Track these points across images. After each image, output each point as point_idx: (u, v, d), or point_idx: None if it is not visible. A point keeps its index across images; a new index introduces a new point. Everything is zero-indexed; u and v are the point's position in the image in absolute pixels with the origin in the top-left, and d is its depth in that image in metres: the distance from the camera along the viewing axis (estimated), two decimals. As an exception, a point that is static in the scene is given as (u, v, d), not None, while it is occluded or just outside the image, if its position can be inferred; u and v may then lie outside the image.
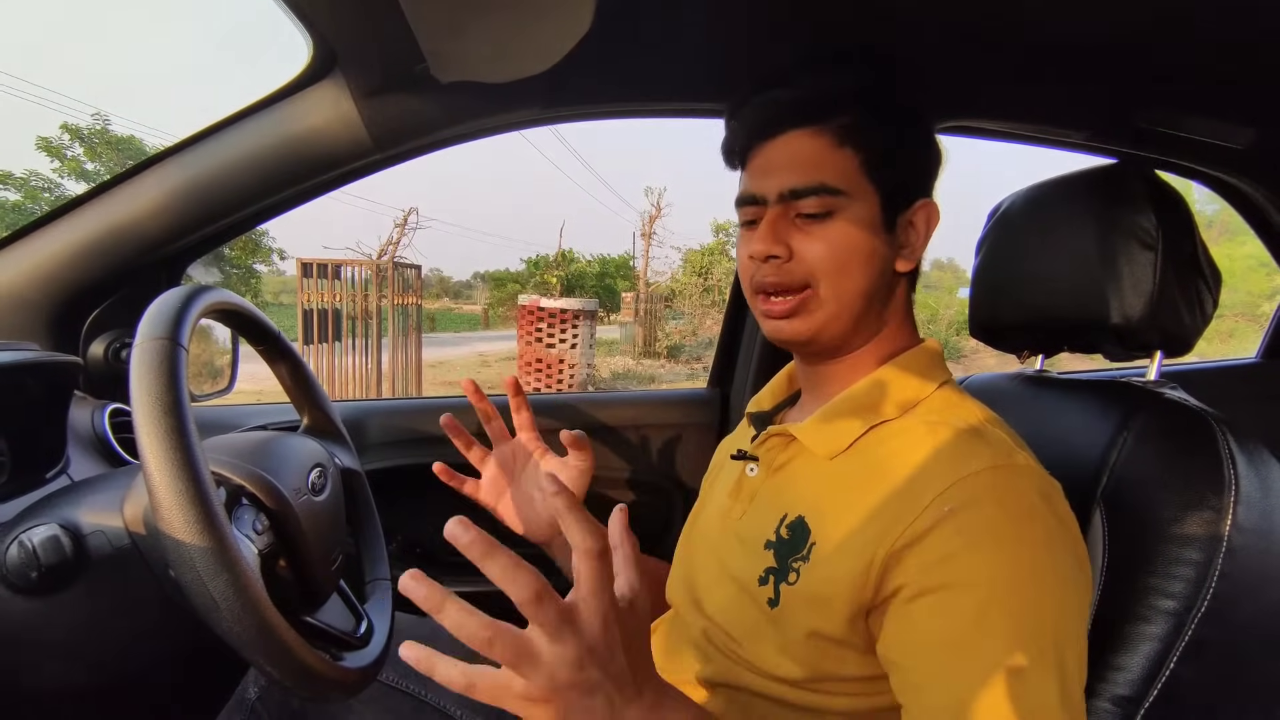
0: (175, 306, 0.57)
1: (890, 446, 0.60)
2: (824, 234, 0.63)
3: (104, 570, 0.59)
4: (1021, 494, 0.53)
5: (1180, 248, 0.68)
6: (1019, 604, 0.50)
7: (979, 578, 0.51)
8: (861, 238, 0.63)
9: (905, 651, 0.53)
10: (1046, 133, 1.09)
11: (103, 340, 0.96)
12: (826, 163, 0.63)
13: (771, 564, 0.63)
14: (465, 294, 38.65)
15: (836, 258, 0.63)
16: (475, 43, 0.74)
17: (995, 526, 0.52)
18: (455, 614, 0.42)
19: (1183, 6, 0.70)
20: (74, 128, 16.37)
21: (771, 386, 0.81)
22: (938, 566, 0.52)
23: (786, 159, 0.64)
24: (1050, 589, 0.51)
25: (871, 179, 0.63)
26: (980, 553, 0.51)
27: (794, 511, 0.63)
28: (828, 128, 0.63)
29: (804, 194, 0.63)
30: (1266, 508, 0.58)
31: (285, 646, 0.54)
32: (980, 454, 0.55)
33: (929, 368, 0.66)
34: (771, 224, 0.64)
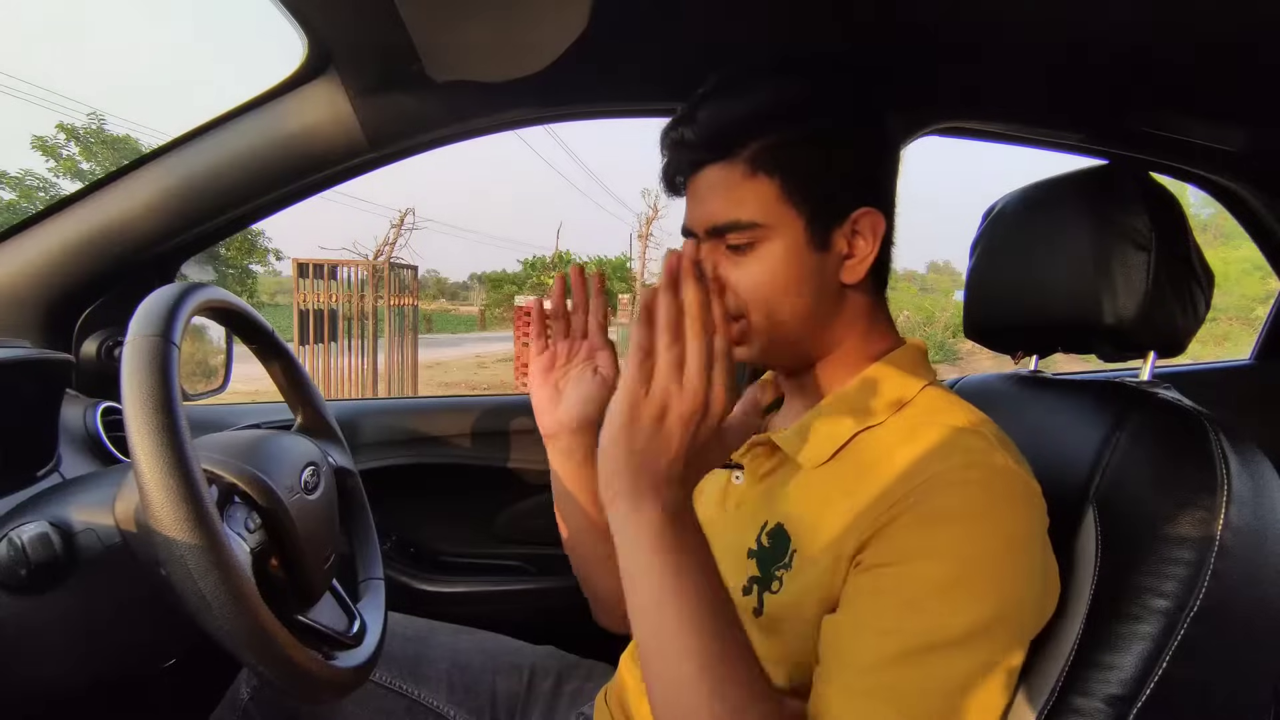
0: (167, 304, 0.57)
1: (872, 451, 0.60)
2: (749, 265, 0.62)
3: (95, 568, 0.59)
4: (991, 492, 0.53)
5: (1173, 249, 0.68)
6: (958, 592, 0.50)
7: (923, 557, 0.51)
8: (788, 265, 0.62)
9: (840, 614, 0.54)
10: (1041, 134, 1.09)
11: (95, 338, 0.96)
12: (740, 195, 0.62)
13: (755, 573, 0.62)
14: (462, 295, 38.66)
15: (765, 288, 0.62)
16: (470, 42, 0.75)
17: (952, 515, 0.52)
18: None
19: (1178, 10, 0.71)
20: (69, 127, 16.35)
21: None
22: (890, 546, 0.53)
23: (705, 193, 0.64)
24: (995, 586, 0.51)
25: (792, 203, 0.61)
26: (931, 536, 0.52)
27: (774, 519, 0.63)
28: (738, 159, 0.61)
29: (723, 230, 0.62)
30: (1259, 508, 0.58)
31: (277, 646, 0.53)
32: (955, 452, 0.55)
33: (913, 369, 0.66)
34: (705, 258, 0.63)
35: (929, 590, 0.51)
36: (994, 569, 0.51)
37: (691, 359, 0.49)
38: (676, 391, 0.49)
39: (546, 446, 0.83)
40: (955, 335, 13.06)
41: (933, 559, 0.51)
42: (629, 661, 0.78)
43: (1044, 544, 0.55)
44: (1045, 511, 0.56)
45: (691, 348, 0.49)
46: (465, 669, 0.88)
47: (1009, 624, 0.51)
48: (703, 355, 0.49)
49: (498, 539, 1.33)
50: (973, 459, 0.54)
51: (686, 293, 0.50)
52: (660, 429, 0.49)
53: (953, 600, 0.50)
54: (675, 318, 0.50)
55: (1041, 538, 0.55)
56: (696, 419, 0.49)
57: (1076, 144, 1.11)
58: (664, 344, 0.49)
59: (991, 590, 0.51)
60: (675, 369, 0.49)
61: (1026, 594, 0.53)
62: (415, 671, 0.86)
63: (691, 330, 0.50)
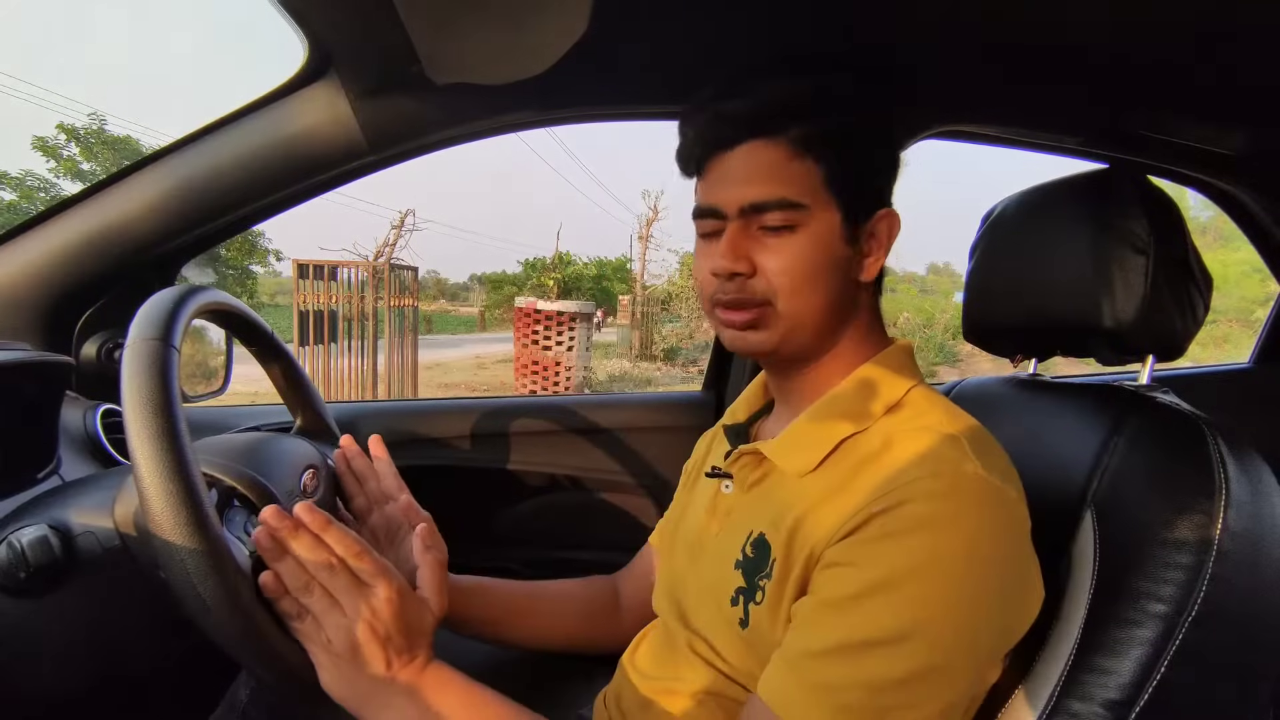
0: (167, 307, 0.57)
1: (854, 459, 0.60)
2: (785, 249, 0.61)
3: (94, 571, 0.59)
4: (957, 503, 0.52)
5: (1172, 252, 0.68)
6: (911, 596, 0.50)
7: (884, 561, 0.52)
8: (823, 251, 0.62)
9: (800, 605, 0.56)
10: (1040, 138, 1.09)
11: (95, 340, 0.96)
12: (786, 175, 0.61)
13: (741, 584, 0.62)
14: (462, 296, 38.67)
15: (798, 273, 0.61)
16: (471, 44, 0.75)
17: (918, 523, 0.52)
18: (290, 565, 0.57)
19: (1177, 12, 0.71)
20: (70, 128, 16.35)
21: (747, 395, 0.80)
22: (850, 548, 0.54)
23: (745, 171, 0.62)
24: (952, 595, 0.51)
25: (833, 191, 0.61)
26: (895, 542, 0.52)
27: (757, 529, 0.63)
28: (785, 138, 0.61)
29: (765, 208, 0.61)
30: (1257, 512, 0.58)
31: (275, 649, 0.54)
32: (927, 461, 0.55)
33: (900, 369, 0.65)
34: (733, 240, 0.62)
35: (867, 591, 0.51)
36: (949, 576, 0.51)
37: (340, 593, 0.57)
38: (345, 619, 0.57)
39: None
40: (955, 337, 13.05)
41: (877, 564, 0.52)
42: (628, 664, 0.78)
43: (1015, 552, 0.54)
44: (1021, 518, 0.55)
45: (331, 583, 0.57)
46: (464, 670, 0.88)
47: (958, 631, 0.51)
48: (343, 582, 0.57)
49: (496, 541, 1.33)
50: (941, 468, 0.54)
51: (298, 550, 0.57)
52: (357, 652, 0.57)
53: (887, 603, 0.51)
54: (303, 577, 0.57)
55: (1012, 546, 0.54)
56: (378, 622, 0.58)
57: (1075, 147, 1.11)
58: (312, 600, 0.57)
59: (933, 597, 0.51)
60: (332, 604, 0.57)
61: (985, 603, 0.52)
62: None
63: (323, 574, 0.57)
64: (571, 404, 1.36)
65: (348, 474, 0.82)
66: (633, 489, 1.33)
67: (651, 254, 16.10)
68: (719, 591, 0.64)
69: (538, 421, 1.32)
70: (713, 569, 0.67)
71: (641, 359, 11.97)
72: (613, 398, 1.49)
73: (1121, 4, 0.70)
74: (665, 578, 0.78)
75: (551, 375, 8.23)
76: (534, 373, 8.30)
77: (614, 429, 1.33)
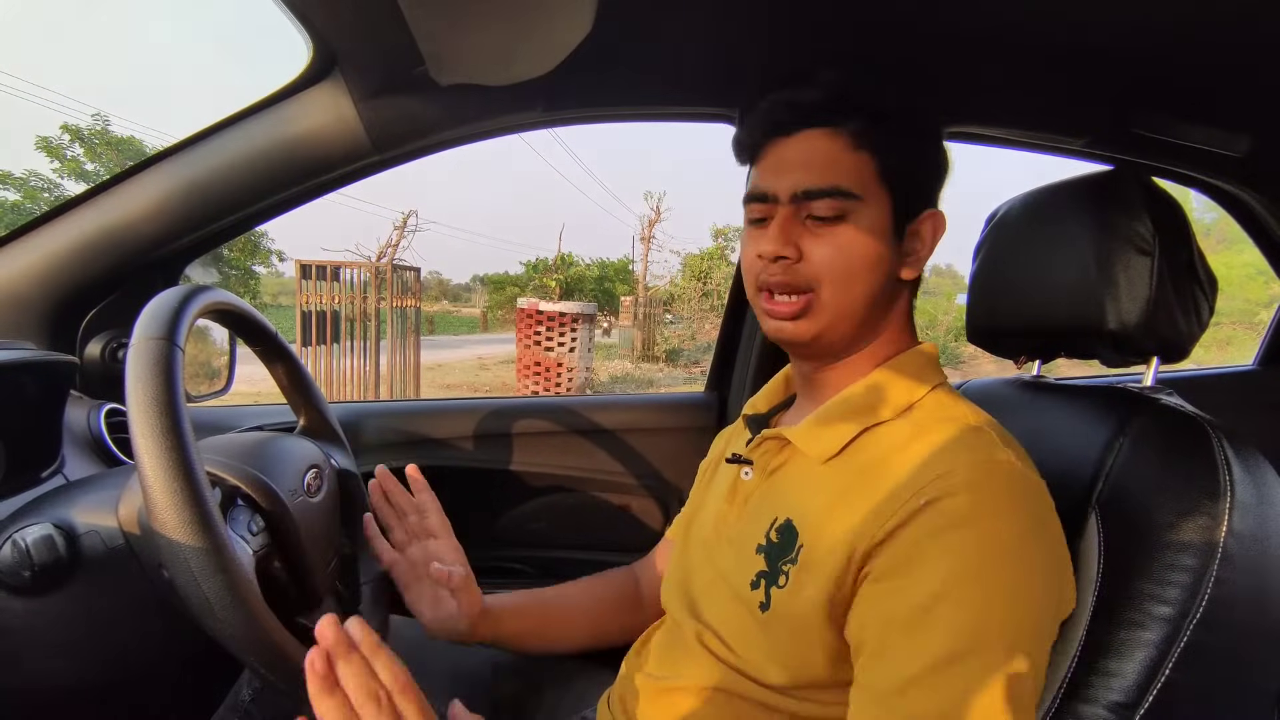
0: (172, 306, 0.57)
1: (880, 449, 0.60)
2: (834, 238, 0.62)
3: (98, 570, 0.59)
4: (997, 492, 0.54)
5: (1177, 254, 0.68)
6: (971, 598, 0.50)
7: (937, 567, 0.52)
8: (871, 244, 0.63)
9: (862, 626, 0.55)
10: (1044, 139, 1.09)
11: (99, 340, 0.96)
12: (842, 165, 0.62)
13: (763, 568, 0.62)
14: (464, 297, 38.70)
15: (844, 263, 0.62)
16: (475, 45, 0.75)
17: (963, 520, 0.52)
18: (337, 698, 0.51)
19: (1182, 14, 0.71)
20: (74, 128, 16.37)
21: (768, 389, 0.81)
22: (903, 552, 0.53)
23: (802, 158, 0.63)
24: (1008, 589, 0.51)
25: (885, 185, 0.63)
26: (943, 543, 0.52)
27: (783, 514, 0.63)
28: (845, 130, 0.63)
29: (818, 195, 0.62)
30: (1262, 514, 0.58)
31: (279, 648, 0.54)
32: (961, 451, 0.56)
33: (923, 370, 0.66)
34: (783, 224, 0.63)
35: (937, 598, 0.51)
36: (1003, 568, 0.51)
37: None
38: None
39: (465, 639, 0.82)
40: (958, 339, 13.03)
41: (940, 566, 0.52)
42: (631, 664, 0.78)
43: (1055, 537, 0.55)
44: (1052, 505, 0.56)
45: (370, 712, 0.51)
46: (467, 672, 0.88)
47: (1024, 622, 0.51)
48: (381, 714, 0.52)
49: (499, 541, 1.33)
50: (976, 457, 0.55)
51: (346, 675, 0.51)
52: None
53: (961, 608, 0.50)
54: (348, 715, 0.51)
55: (1052, 531, 0.55)
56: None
57: (1079, 149, 1.11)
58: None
59: (1000, 591, 0.51)
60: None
61: (1041, 587, 0.53)
62: (417, 675, 0.85)
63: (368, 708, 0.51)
64: (574, 405, 1.36)
65: (385, 506, 0.84)
66: (635, 490, 1.33)
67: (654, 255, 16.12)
68: (737, 577, 0.64)
69: (540, 422, 1.32)
70: (731, 555, 0.67)
71: (644, 360, 11.96)
72: (615, 399, 1.49)
73: (1126, 5, 0.70)
74: (676, 570, 0.78)
75: (553, 376, 8.23)
76: (536, 374, 8.30)
77: (616, 430, 1.33)
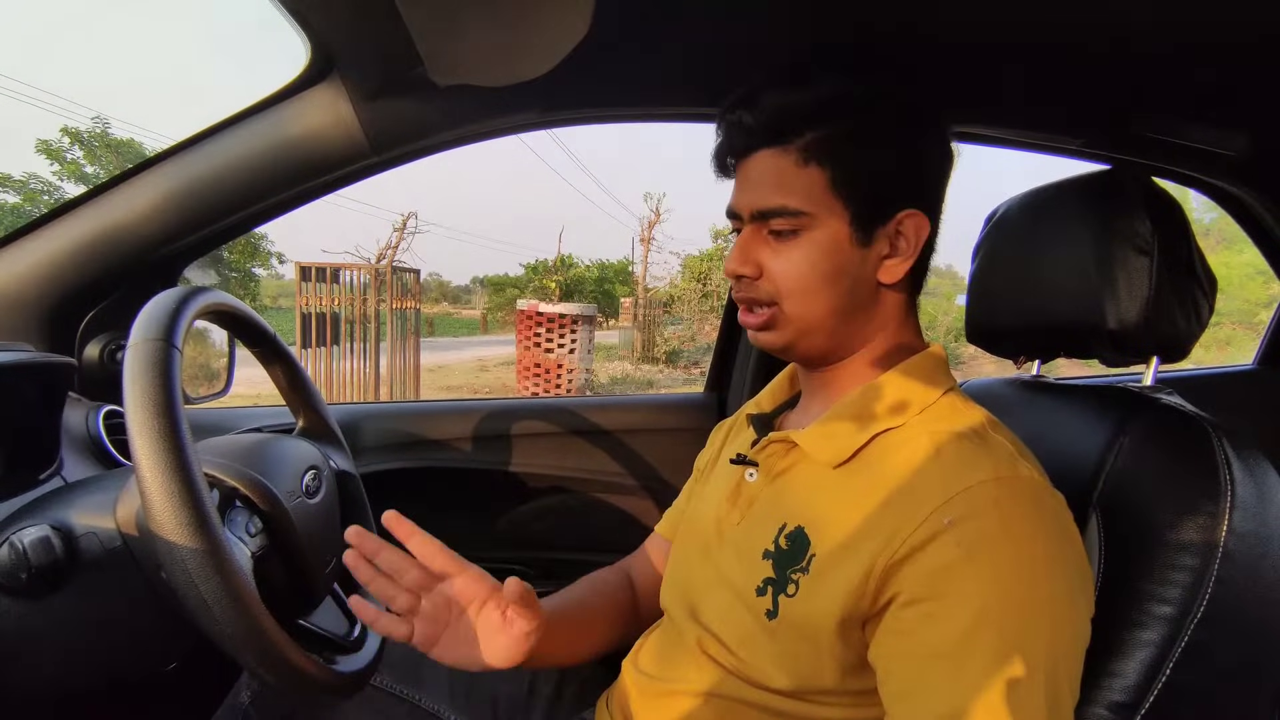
0: (169, 308, 0.57)
1: (894, 455, 0.60)
2: (790, 253, 0.63)
3: (96, 572, 0.59)
4: (1024, 509, 0.53)
5: (1176, 253, 0.68)
6: (1012, 622, 0.50)
7: (974, 592, 0.51)
8: (828, 256, 0.63)
9: (894, 657, 0.53)
10: (1043, 139, 1.09)
11: (98, 342, 0.96)
12: (790, 183, 0.63)
13: (770, 575, 0.62)
14: (464, 299, 38.71)
15: (800, 277, 0.63)
16: (473, 46, 0.75)
17: (995, 541, 0.52)
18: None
19: (1180, 14, 0.70)
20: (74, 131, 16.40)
21: (772, 388, 0.80)
22: (934, 576, 0.52)
23: (756, 178, 0.65)
24: (1046, 609, 0.51)
25: (839, 196, 0.62)
26: (977, 566, 0.51)
27: (793, 521, 0.62)
28: (792, 147, 0.63)
29: (769, 215, 0.64)
30: (1262, 513, 0.58)
31: (277, 649, 0.53)
32: (983, 464, 0.55)
33: (935, 374, 0.66)
34: (743, 244, 0.66)
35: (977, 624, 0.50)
36: (1039, 586, 0.51)
37: None
38: None
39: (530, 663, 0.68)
40: (957, 340, 13.03)
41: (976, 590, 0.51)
42: (630, 666, 0.77)
43: (1077, 546, 0.55)
44: (1072, 517, 0.56)
45: None
46: (466, 673, 0.88)
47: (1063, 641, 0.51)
48: None
49: (499, 543, 1.32)
50: (1000, 472, 0.54)
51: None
52: None
53: (1002, 631, 0.50)
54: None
55: (1074, 541, 0.55)
56: None
57: (1078, 149, 1.11)
58: None
59: (1039, 610, 0.50)
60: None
61: (1073, 602, 0.53)
62: (416, 675, 0.85)
63: None
64: (574, 406, 1.36)
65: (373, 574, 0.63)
66: (635, 490, 1.33)
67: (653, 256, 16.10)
68: (742, 582, 0.64)
69: (540, 423, 1.32)
70: (734, 559, 0.67)
71: (643, 361, 11.96)
72: (615, 399, 1.49)
73: (1124, 5, 0.70)
74: (675, 571, 0.77)
75: (553, 377, 8.23)
76: (536, 375, 8.30)
77: (616, 431, 1.33)
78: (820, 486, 0.63)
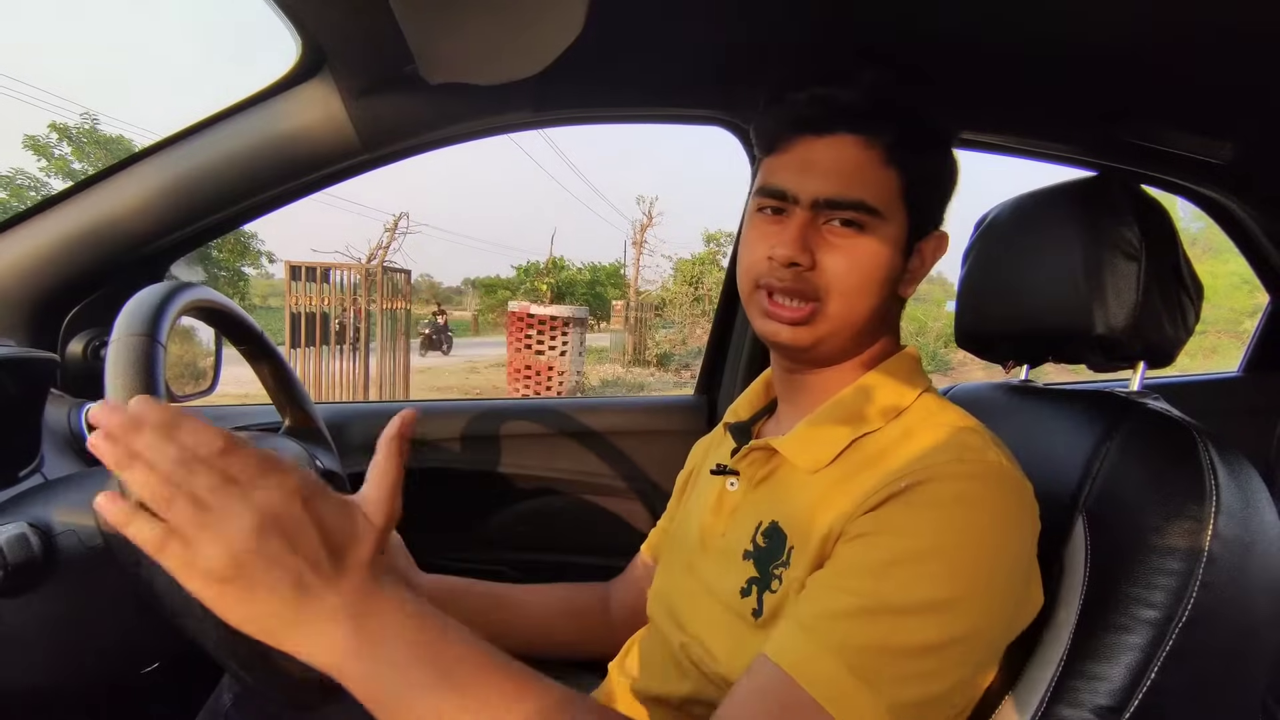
0: (154, 303, 0.57)
1: (869, 453, 0.60)
2: (850, 250, 0.61)
3: (75, 570, 0.58)
4: (983, 486, 0.53)
5: (1163, 259, 0.68)
6: (940, 570, 0.50)
7: (910, 532, 0.52)
8: (884, 261, 0.62)
9: (818, 577, 0.55)
10: (1032, 145, 1.10)
11: (82, 338, 0.95)
12: (871, 178, 0.61)
13: (753, 574, 0.62)
14: (456, 300, 38.63)
15: (856, 277, 0.61)
16: (465, 44, 0.74)
17: (945, 502, 0.52)
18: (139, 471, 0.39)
19: (1169, 23, 0.71)
20: (62, 126, 16.27)
21: (748, 395, 0.80)
22: (879, 518, 0.53)
23: (831, 164, 0.61)
24: (977, 578, 0.51)
25: (906, 203, 0.62)
26: (921, 515, 0.52)
27: (768, 518, 0.63)
28: (879, 142, 0.61)
29: (841, 206, 0.60)
30: (1247, 518, 0.58)
31: (255, 648, 0.52)
32: (951, 446, 0.56)
33: (911, 375, 0.66)
34: (801, 229, 0.61)
35: (899, 559, 0.51)
36: (971, 553, 0.51)
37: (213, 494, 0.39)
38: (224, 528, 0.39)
39: None
40: (947, 345, 13.11)
41: (909, 534, 0.52)
42: (617, 670, 0.77)
43: (1030, 543, 0.55)
44: (1036, 513, 0.56)
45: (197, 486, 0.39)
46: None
47: (978, 611, 0.51)
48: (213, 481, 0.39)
49: (487, 544, 1.32)
50: (966, 454, 0.55)
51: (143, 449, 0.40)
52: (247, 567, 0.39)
53: (920, 573, 0.50)
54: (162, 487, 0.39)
55: (1028, 536, 0.55)
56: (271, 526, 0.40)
57: (1066, 155, 1.12)
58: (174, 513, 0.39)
59: (963, 572, 0.50)
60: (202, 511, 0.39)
61: (1003, 586, 0.52)
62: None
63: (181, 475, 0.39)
64: (563, 407, 1.35)
65: None
66: (624, 493, 1.33)
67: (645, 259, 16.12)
68: (724, 586, 0.64)
69: (528, 424, 1.31)
70: (718, 566, 0.66)
71: (635, 364, 11.97)
72: (605, 401, 1.49)
73: (1113, 13, 0.70)
74: (660, 584, 0.77)
75: (544, 380, 8.22)
76: (527, 377, 8.29)
77: (606, 433, 1.32)
78: (800, 487, 0.63)
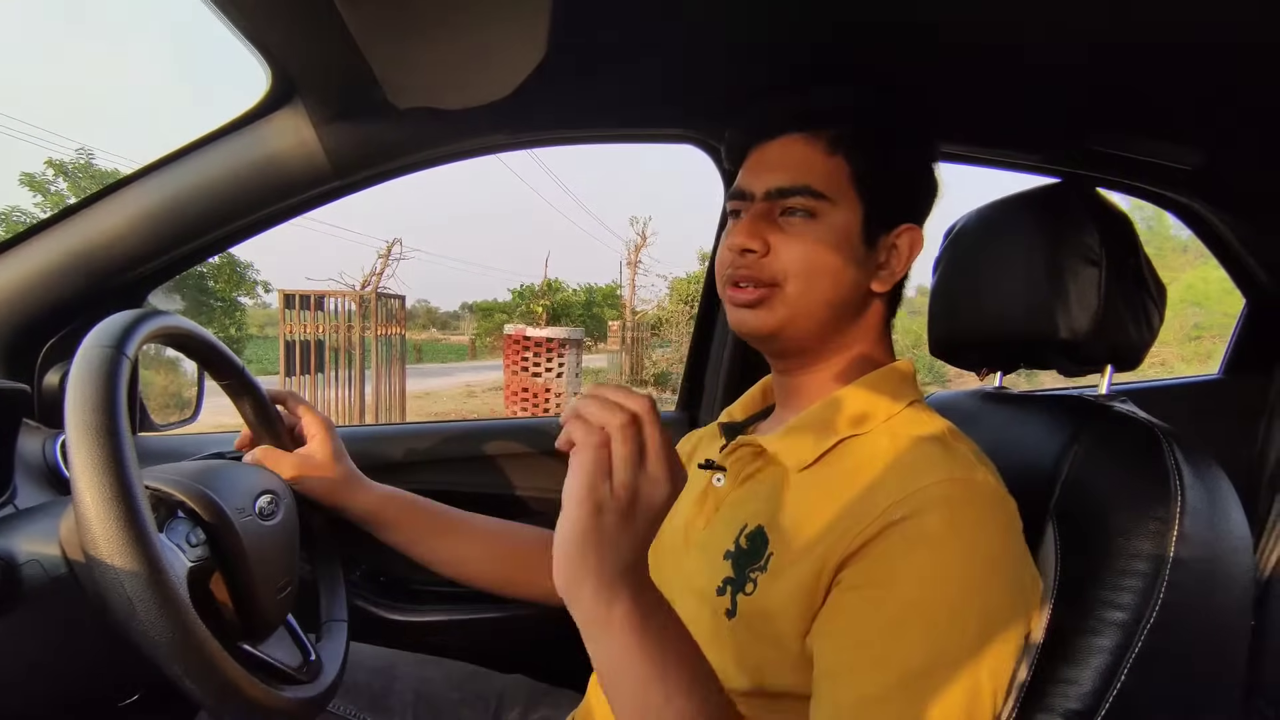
0: (124, 321, 0.57)
1: (855, 459, 0.61)
2: (802, 235, 0.64)
3: (41, 601, 0.57)
4: (974, 511, 0.54)
5: (1124, 263, 0.69)
6: (942, 617, 0.50)
7: (911, 582, 0.51)
8: (839, 245, 0.65)
9: (826, 636, 0.54)
10: (999, 155, 1.11)
11: (58, 369, 0.95)
12: (816, 167, 0.65)
13: (730, 574, 0.62)
14: (453, 325, 38.67)
15: (809, 259, 0.64)
16: (429, 69, 0.75)
17: (937, 536, 0.52)
18: None
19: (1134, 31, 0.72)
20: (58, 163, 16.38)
21: (746, 398, 0.81)
22: (876, 564, 0.53)
23: (779, 159, 0.67)
24: (978, 610, 0.51)
25: (858, 190, 0.65)
26: (918, 558, 0.52)
27: (754, 522, 0.63)
28: (822, 135, 0.66)
29: (789, 193, 0.65)
30: (1213, 519, 0.58)
31: (208, 660, 0.51)
32: (940, 466, 0.56)
33: (899, 387, 0.67)
34: (754, 219, 0.66)
35: (908, 615, 0.51)
36: (979, 586, 0.52)
37: (653, 448, 0.47)
38: (646, 481, 0.47)
39: None
40: (943, 357, 13.09)
41: (913, 582, 0.51)
42: (596, 689, 0.76)
43: (1023, 555, 0.56)
44: (1020, 524, 0.56)
45: (651, 435, 0.47)
46: (431, 699, 0.86)
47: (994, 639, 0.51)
48: (660, 443, 0.47)
49: None
50: (955, 474, 0.55)
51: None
52: (629, 523, 0.46)
53: (934, 623, 0.50)
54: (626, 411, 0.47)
55: (1020, 550, 0.55)
56: (663, 506, 0.48)
57: (1035, 165, 1.13)
58: (620, 437, 0.46)
59: (975, 609, 0.51)
60: (633, 460, 0.46)
61: (1009, 608, 0.53)
62: (381, 703, 0.84)
63: (650, 420, 0.47)
64: (545, 425, 1.35)
65: None
66: None
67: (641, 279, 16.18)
68: (702, 582, 0.64)
69: (515, 444, 1.31)
70: (698, 561, 0.67)
71: (632, 384, 11.96)
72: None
73: (1079, 22, 0.71)
74: None
75: (541, 402, 8.21)
76: (524, 400, 8.27)
77: None
78: (785, 489, 0.63)
